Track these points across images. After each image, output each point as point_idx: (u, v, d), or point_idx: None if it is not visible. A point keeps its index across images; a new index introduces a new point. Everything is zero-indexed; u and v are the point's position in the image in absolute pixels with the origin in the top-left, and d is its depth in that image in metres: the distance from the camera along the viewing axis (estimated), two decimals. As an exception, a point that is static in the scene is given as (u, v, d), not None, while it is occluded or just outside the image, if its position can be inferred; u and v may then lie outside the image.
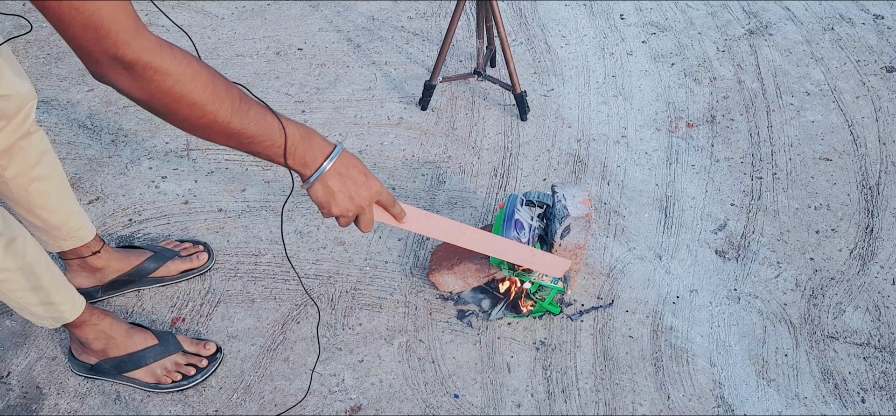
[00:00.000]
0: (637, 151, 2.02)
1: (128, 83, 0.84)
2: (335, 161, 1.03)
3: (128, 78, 0.84)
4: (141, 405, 1.46)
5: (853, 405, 1.45)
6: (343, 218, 1.08)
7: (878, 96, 2.18)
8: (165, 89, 0.85)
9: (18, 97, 1.26)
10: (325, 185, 1.03)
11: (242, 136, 0.94)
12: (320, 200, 1.05)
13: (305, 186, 1.04)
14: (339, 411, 1.45)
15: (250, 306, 1.63)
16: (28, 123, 1.31)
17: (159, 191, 1.92)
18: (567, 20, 2.52)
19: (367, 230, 1.12)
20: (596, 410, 1.45)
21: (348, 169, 1.04)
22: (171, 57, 0.85)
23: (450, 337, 1.57)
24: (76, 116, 2.15)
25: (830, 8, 2.55)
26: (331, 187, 1.03)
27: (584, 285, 1.67)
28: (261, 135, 0.95)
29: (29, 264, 1.27)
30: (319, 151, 1.01)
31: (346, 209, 1.06)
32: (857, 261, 1.72)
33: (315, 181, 1.02)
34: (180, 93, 0.86)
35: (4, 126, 1.27)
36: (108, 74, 0.84)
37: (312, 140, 1.00)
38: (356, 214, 1.09)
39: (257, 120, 0.94)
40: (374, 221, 1.12)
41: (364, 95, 2.22)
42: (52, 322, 1.38)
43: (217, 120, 0.90)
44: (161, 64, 0.84)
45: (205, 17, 2.55)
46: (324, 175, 1.02)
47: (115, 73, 0.84)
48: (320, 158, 1.01)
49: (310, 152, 1.00)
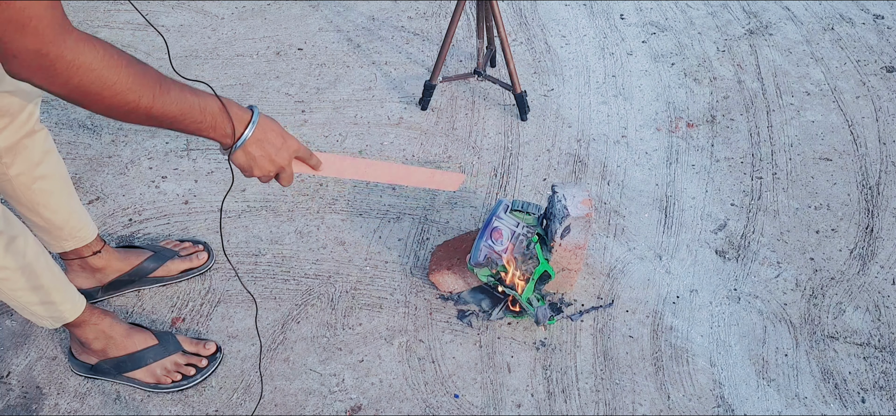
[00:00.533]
0: (637, 151, 2.02)
1: (45, 80, 0.84)
2: (255, 128, 1.05)
3: (46, 75, 0.83)
4: (141, 405, 1.46)
5: (853, 405, 1.45)
6: (264, 177, 1.12)
7: (878, 96, 2.18)
8: (87, 84, 0.86)
9: (22, 94, 1.26)
10: (246, 152, 1.06)
11: (164, 118, 0.96)
12: (242, 165, 1.08)
13: (227, 154, 1.06)
14: (339, 411, 1.45)
15: (250, 306, 1.63)
16: (32, 121, 1.31)
17: (159, 191, 1.92)
18: (567, 20, 2.52)
19: (286, 184, 1.15)
20: (596, 410, 1.45)
21: (266, 133, 1.07)
22: (93, 51, 0.85)
23: (450, 337, 1.57)
24: (76, 115, 2.15)
25: (830, 8, 2.55)
26: (252, 153, 1.06)
27: (584, 285, 1.67)
28: (182, 115, 0.97)
29: (29, 264, 1.27)
30: (239, 121, 1.04)
31: (267, 171, 1.10)
32: (857, 261, 1.72)
33: (238, 150, 1.05)
34: (101, 85, 0.87)
35: (9, 123, 1.26)
36: (22, 72, 0.83)
37: (231, 110, 1.03)
38: (277, 172, 1.12)
39: (178, 101, 0.96)
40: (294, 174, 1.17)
41: (364, 95, 2.22)
42: (52, 322, 1.38)
43: (139, 107, 0.92)
44: (83, 60, 0.84)
45: (205, 17, 2.55)
46: (245, 143, 1.05)
47: (33, 69, 0.83)
48: (240, 128, 1.04)
49: (229, 123, 1.03)
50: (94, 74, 0.86)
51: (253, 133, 1.05)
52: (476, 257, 1.50)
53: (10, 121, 1.26)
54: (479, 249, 1.49)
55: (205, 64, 2.35)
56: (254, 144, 1.06)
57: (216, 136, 1.03)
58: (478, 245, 1.49)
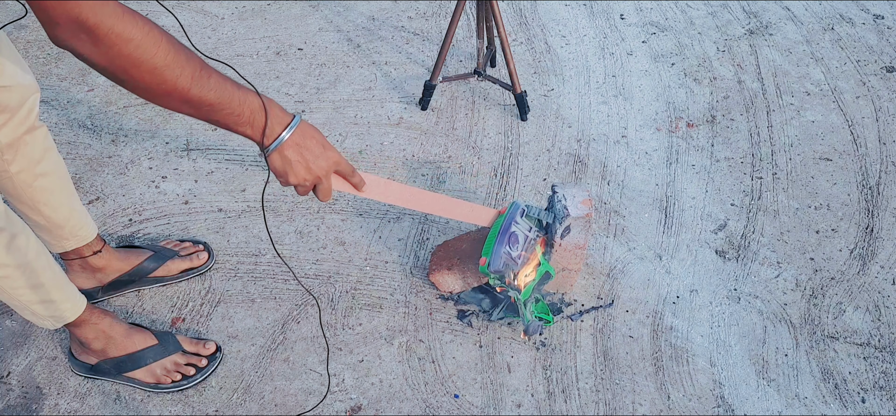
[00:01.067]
0: (637, 151, 2.02)
1: (89, 48, 0.85)
2: (293, 131, 1.04)
3: (89, 43, 0.84)
4: (141, 405, 1.46)
5: (853, 405, 1.45)
6: (301, 187, 1.10)
7: (878, 96, 2.18)
8: (126, 55, 0.86)
9: (20, 89, 1.25)
10: (282, 155, 1.05)
11: (202, 104, 0.95)
12: (278, 169, 1.07)
13: (264, 155, 1.05)
14: (339, 411, 1.45)
15: (250, 306, 1.63)
16: (32, 117, 1.31)
17: (159, 191, 1.92)
18: (567, 20, 2.52)
19: (324, 199, 1.14)
20: (596, 410, 1.45)
21: (305, 139, 1.06)
22: (133, 23, 0.86)
23: (450, 337, 1.57)
24: (76, 115, 2.15)
25: (830, 8, 2.55)
26: (288, 157, 1.05)
27: (584, 285, 1.67)
28: (220, 104, 0.96)
29: (30, 262, 1.27)
30: (278, 122, 1.03)
31: (303, 179, 1.08)
32: (857, 261, 1.72)
33: (273, 151, 1.04)
34: (140, 59, 0.87)
35: (8, 119, 1.26)
36: (68, 39, 0.84)
37: (271, 110, 1.02)
38: (314, 183, 1.10)
39: (217, 89, 0.95)
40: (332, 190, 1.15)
41: (364, 95, 2.22)
42: (52, 322, 1.38)
43: (177, 87, 0.91)
44: (122, 29, 0.84)
45: (205, 17, 2.55)
46: (281, 145, 1.04)
47: (76, 37, 0.84)
48: (278, 129, 1.03)
49: (268, 123, 1.02)
50: (133, 45, 0.86)
51: (291, 136, 1.04)
52: (496, 264, 1.46)
53: (9, 117, 1.26)
54: (498, 255, 1.45)
55: (205, 64, 2.35)
56: (291, 148, 1.05)
57: (253, 133, 1.02)
58: (498, 252, 1.45)
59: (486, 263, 1.48)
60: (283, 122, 1.04)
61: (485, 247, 1.49)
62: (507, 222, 1.48)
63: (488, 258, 1.47)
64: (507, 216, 1.49)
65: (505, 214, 1.50)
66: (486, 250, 1.48)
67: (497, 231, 1.48)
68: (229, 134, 2.07)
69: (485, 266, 1.47)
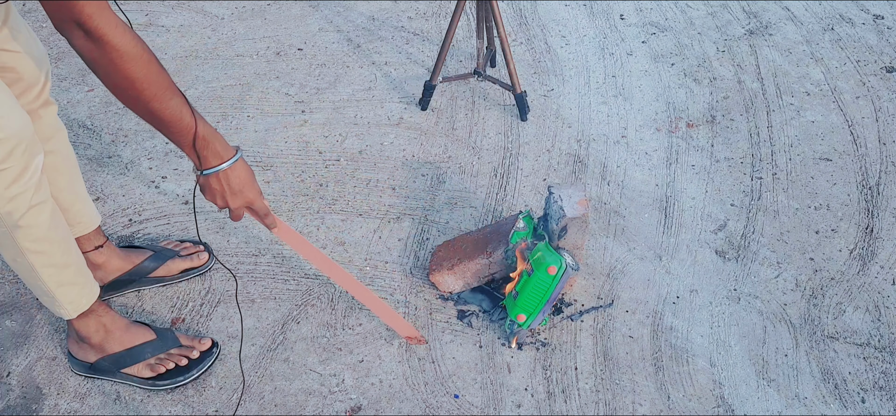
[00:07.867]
0: (637, 152, 2.02)
1: (83, 44, 1.00)
2: (224, 168, 1.21)
3: (85, 40, 1.00)
4: (141, 406, 1.46)
5: (853, 406, 1.45)
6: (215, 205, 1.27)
7: (878, 96, 2.18)
8: (113, 61, 1.02)
9: (35, 60, 1.31)
10: (208, 181, 1.23)
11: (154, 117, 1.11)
12: (202, 188, 1.25)
13: (197, 174, 1.22)
14: (339, 411, 1.45)
15: (250, 307, 1.64)
16: (46, 93, 1.37)
17: (159, 191, 1.92)
18: (567, 20, 2.52)
19: (233, 220, 1.30)
20: (596, 410, 1.45)
21: (230, 178, 1.23)
22: (125, 39, 1.01)
23: (450, 337, 1.57)
24: (76, 115, 2.15)
25: (830, 8, 2.55)
26: (212, 185, 1.23)
27: (584, 285, 1.67)
28: (171, 123, 1.12)
29: (65, 238, 1.33)
30: (214, 155, 1.19)
31: (218, 204, 1.26)
32: (857, 261, 1.72)
33: (203, 176, 1.22)
34: (125, 68, 1.03)
35: (26, 89, 1.31)
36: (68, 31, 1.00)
37: (213, 143, 1.18)
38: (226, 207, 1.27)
39: (173, 111, 1.11)
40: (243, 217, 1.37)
41: (364, 95, 2.22)
42: (71, 309, 1.39)
43: (141, 98, 1.07)
44: (118, 42, 1.00)
45: (205, 17, 2.55)
46: (210, 175, 1.21)
47: (75, 33, 0.99)
48: (214, 161, 1.20)
49: (206, 154, 1.18)
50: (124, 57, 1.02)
51: (221, 171, 1.20)
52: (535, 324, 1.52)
53: (26, 87, 1.31)
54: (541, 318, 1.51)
55: (205, 64, 2.35)
56: (216, 180, 1.22)
57: (192, 158, 1.18)
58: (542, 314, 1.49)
59: (524, 319, 1.48)
60: (220, 156, 1.20)
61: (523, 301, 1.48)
62: (559, 289, 1.46)
63: (529, 317, 1.48)
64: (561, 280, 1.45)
65: (555, 275, 1.44)
66: (526, 307, 1.48)
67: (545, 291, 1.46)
68: (229, 135, 2.08)
69: (524, 323, 1.49)
